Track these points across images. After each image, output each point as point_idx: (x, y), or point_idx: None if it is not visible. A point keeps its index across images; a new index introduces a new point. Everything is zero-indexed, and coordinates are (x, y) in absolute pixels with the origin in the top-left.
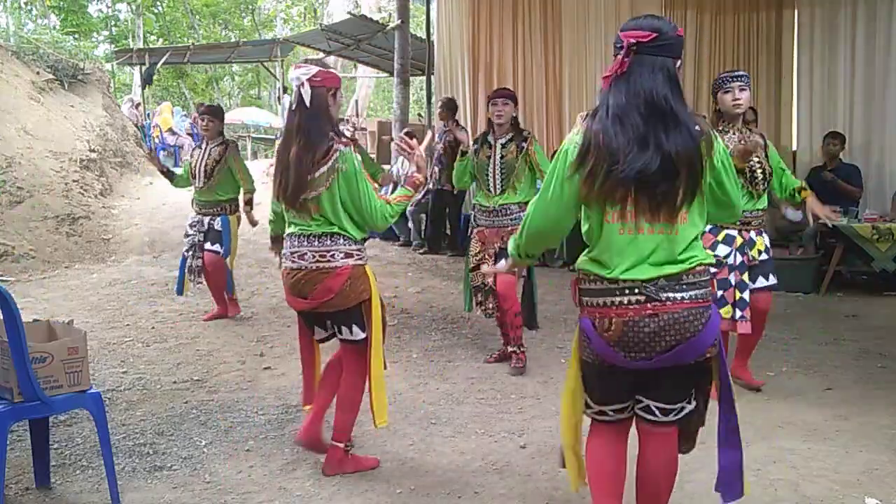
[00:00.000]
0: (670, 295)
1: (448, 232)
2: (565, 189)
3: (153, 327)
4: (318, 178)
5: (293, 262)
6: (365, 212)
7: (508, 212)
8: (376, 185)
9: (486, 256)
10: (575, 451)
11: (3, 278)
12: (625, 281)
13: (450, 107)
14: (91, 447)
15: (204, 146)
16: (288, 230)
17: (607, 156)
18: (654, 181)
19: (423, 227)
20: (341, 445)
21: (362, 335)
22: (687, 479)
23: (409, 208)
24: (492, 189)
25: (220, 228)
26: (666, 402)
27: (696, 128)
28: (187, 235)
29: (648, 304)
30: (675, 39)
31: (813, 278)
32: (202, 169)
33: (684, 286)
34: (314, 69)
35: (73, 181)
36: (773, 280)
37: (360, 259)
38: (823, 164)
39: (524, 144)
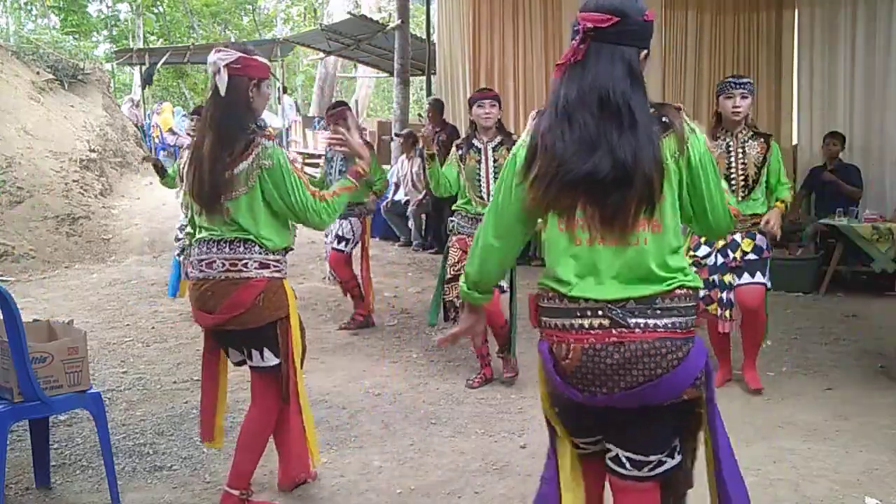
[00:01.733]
0: (641, 321)
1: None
2: (514, 195)
3: (153, 327)
4: (238, 177)
5: (200, 271)
6: (297, 209)
7: None
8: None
9: None
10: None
11: (3, 278)
12: (587, 301)
13: (437, 107)
14: (91, 447)
15: None
16: (197, 234)
17: (553, 159)
18: (604, 189)
19: (423, 227)
20: (236, 493)
21: (275, 361)
22: None
23: (410, 208)
24: (485, 196)
25: None
26: (637, 451)
27: (656, 127)
28: (178, 239)
29: (613, 331)
30: (640, 25)
31: (813, 278)
32: None
33: (659, 311)
34: (235, 55)
35: (73, 181)
36: (759, 278)
37: (278, 271)
38: (823, 164)
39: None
